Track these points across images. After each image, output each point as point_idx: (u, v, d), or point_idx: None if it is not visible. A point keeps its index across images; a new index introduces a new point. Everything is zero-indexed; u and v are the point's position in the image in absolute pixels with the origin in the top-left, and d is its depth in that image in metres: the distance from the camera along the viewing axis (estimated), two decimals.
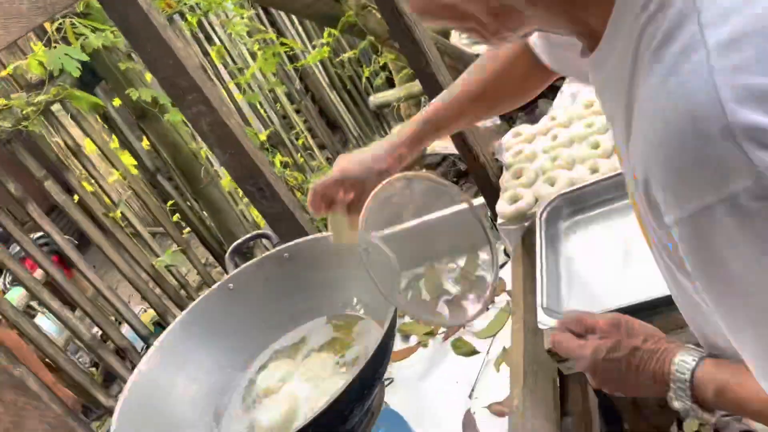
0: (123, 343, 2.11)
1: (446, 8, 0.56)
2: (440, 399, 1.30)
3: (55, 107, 2.23)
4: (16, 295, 3.57)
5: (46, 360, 3.58)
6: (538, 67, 0.89)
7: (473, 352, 1.42)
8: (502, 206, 1.35)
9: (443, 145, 2.36)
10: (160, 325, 3.83)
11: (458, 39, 2.49)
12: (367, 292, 1.05)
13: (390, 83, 3.47)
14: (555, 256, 1.17)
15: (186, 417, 1.01)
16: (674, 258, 0.54)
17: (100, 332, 2.38)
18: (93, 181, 2.60)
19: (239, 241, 1.11)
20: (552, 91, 1.70)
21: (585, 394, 1.27)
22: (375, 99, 3.49)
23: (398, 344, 1.41)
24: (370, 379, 0.84)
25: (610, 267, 1.08)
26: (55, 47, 1.93)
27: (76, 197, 2.39)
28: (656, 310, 0.91)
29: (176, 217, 2.71)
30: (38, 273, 3.15)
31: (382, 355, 0.84)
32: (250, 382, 1.07)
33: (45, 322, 3.44)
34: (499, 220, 1.35)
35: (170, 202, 2.68)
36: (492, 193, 1.45)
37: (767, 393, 0.51)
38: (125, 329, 2.54)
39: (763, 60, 0.43)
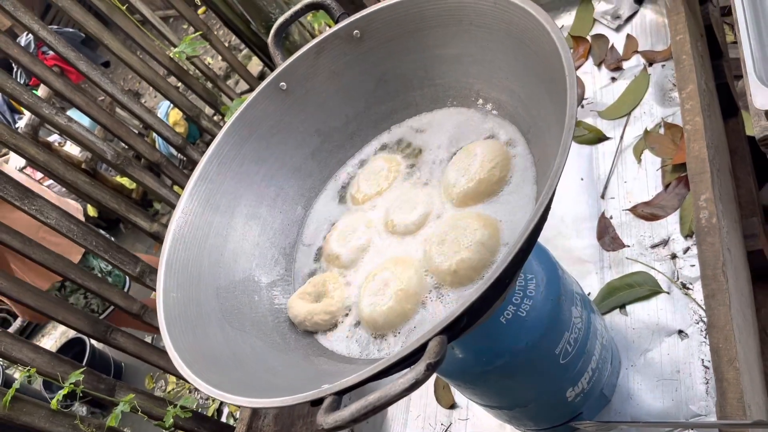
0: (155, 157, 1.82)
1: None
2: (564, 202, 1.00)
3: None
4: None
5: (83, 166, 3.41)
6: None
7: (600, 138, 1.09)
8: None
9: None
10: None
11: None
12: (498, 84, 0.67)
13: None
14: None
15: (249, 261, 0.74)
16: None
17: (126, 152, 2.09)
18: None
19: (286, 15, 0.72)
20: None
21: None
22: None
23: None
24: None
25: None
26: None
27: None
28: None
29: None
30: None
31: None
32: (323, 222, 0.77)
33: (75, 115, 3.17)
34: None
35: None
36: None
37: None
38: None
39: None
